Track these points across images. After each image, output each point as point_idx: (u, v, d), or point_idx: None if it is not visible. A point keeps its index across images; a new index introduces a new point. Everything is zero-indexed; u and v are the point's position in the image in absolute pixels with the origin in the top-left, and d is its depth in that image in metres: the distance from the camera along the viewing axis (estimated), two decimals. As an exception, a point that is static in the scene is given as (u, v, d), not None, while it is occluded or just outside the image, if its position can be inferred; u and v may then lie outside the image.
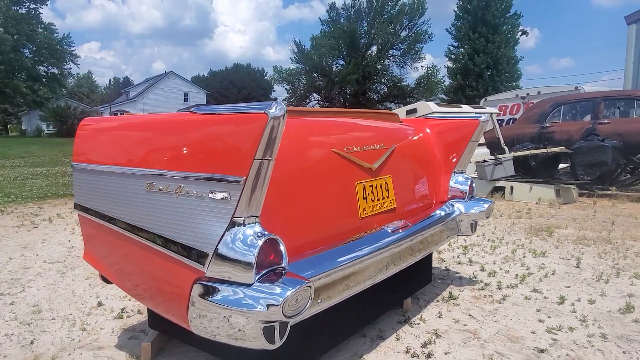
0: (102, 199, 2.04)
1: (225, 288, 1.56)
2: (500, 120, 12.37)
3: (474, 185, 3.13)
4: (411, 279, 3.02)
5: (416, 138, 3.04)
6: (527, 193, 6.92)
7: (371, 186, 2.40)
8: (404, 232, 2.41)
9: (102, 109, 48.79)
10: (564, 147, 7.11)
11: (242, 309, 1.50)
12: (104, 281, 2.37)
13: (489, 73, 33.83)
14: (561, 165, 7.70)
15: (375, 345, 2.48)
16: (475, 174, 7.61)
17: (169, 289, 1.80)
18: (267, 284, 1.53)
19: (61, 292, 3.37)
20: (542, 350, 2.40)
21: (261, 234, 1.56)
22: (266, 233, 1.57)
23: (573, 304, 2.99)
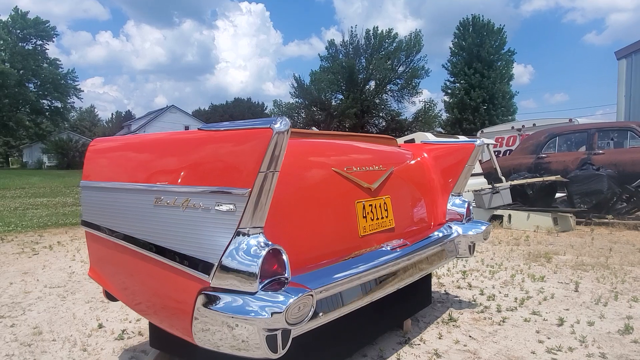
0: (109, 215, 2.11)
1: (229, 297, 1.61)
2: (496, 152, 12.56)
3: (471, 208, 3.20)
4: (410, 300, 3.04)
5: (414, 162, 3.13)
6: (525, 221, 6.98)
7: (370, 205, 2.47)
8: (403, 250, 2.46)
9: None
10: (560, 176, 7.21)
11: (246, 317, 1.54)
12: (107, 298, 2.40)
13: (485, 107, 34.44)
14: (558, 194, 7.79)
15: (376, 365, 2.49)
16: (474, 202, 7.68)
17: (173, 300, 1.85)
18: (270, 293, 1.58)
19: (62, 315, 3.38)
20: (542, 369, 2.42)
21: (265, 244, 1.62)
22: (270, 243, 1.63)
23: (572, 326, 3.01)
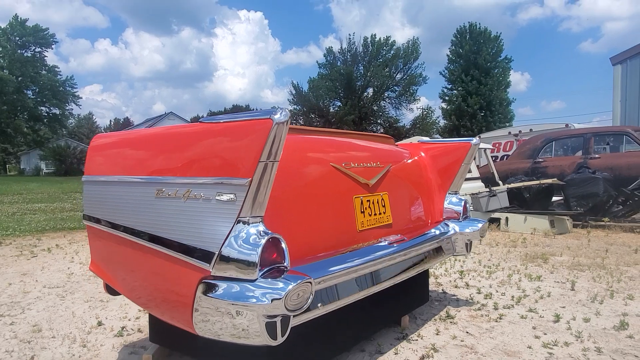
0: (111, 208, 2.14)
1: (229, 284, 1.64)
2: (494, 157, 12.64)
3: (467, 206, 3.24)
4: (408, 297, 3.07)
5: (411, 160, 3.18)
6: (522, 224, 7.02)
7: (368, 201, 2.51)
8: (400, 245, 2.50)
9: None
10: (556, 179, 7.27)
11: (247, 303, 1.57)
12: (108, 292, 2.42)
13: (482, 114, 34.65)
14: (555, 198, 7.84)
15: (374, 359, 2.51)
16: (471, 206, 7.72)
17: (174, 290, 1.87)
18: (269, 280, 1.61)
19: (61, 314, 3.39)
20: (538, 363, 2.44)
21: (265, 232, 1.65)
22: (269, 232, 1.66)
23: (568, 322, 3.04)
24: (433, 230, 2.97)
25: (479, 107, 34.36)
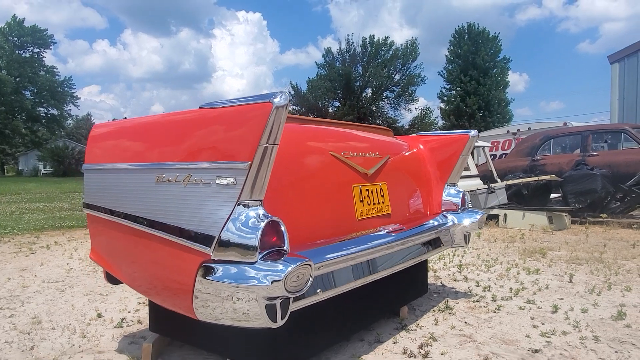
0: (111, 196, 2.15)
1: (230, 267, 1.65)
2: (492, 156, 12.66)
3: (466, 198, 3.25)
4: (407, 287, 3.08)
5: (410, 152, 3.19)
6: (520, 220, 7.04)
7: (367, 190, 2.52)
8: (399, 234, 2.51)
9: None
10: (554, 175, 7.29)
11: (247, 285, 1.58)
12: (108, 281, 2.43)
13: (480, 114, 34.72)
14: (553, 195, 7.86)
15: (373, 348, 2.52)
16: (469, 203, 7.73)
17: (175, 275, 1.88)
18: (269, 262, 1.62)
19: (60, 307, 3.39)
20: (536, 351, 2.45)
21: (264, 215, 1.66)
22: (269, 215, 1.67)
23: (566, 313, 3.05)
24: (431, 221, 2.98)
25: (478, 107, 34.44)
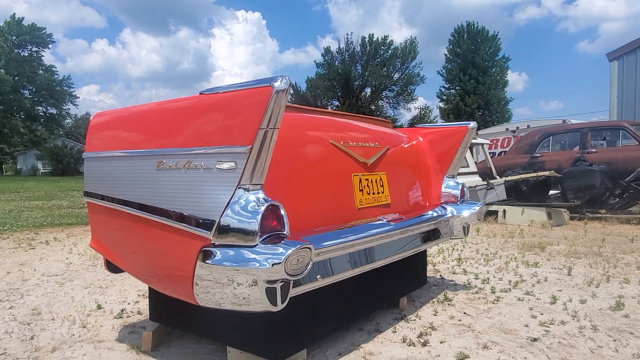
0: (111, 183, 2.15)
1: (230, 251, 1.66)
2: (491, 153, 12.66)
3: (465, 189, 3.26)
4: (406, 278, 3.10)
5: (409, 144, 3.20)
6: (519, 216, 7.06)
7: (367, 180, 2.53)
8: (398, 223, 2.52)
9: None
10: (553, 171, 7.30)
11: (248, 268, 1.59)
12: (109, 270, 2.43)
13: (480, 113, 34.75)
14: (552, 192, 7.88)
15: (373, 337, 2.53)
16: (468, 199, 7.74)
17: (176, 261, 1.88)
18: (269, 246, 1.62)
19: (60, 299, 3.40)
20: (535, 339, 2.46)
21: (264, 199, 1.67)
22: (269, 199, 1.68)
23: (565, 304, 3.06)
24: (430, 212, 2.99)
25: (477, 106, 34.48)
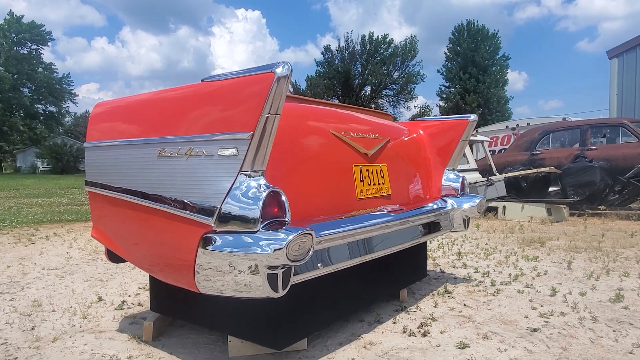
0: (113, 172, 2.15)
1: (232, 237, 1.66)
2: (491, 151, 12.67)
3: (465, 182, 3.26)
4: (406, 270, 3.10)
5: (410, 137, 3.20)
6: (519, 212, 7.06)
7: (367, 170, 2.53)
8: (399, 214, 2.52)
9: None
10: (553, 167, 7.31)
11: (249, 253, 1.59)
12: (110, 259, 2.43)
13: (480, 111, 34.74)
14: (551, 188, 7.89)
15: (373, 327, 2.54)
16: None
17: (177, 248, 1.88)
18: (271, 231, 1.63)
19: (60, 291, 3.40)
20: (535, 330, 2.47)
21: (266, 186, 1.67)
22: (270, 185, 1.68)
23: (565, 296, 3.07)
24: (431, 204, 3.00)
25: (477, 104, 34.49)
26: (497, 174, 8.64)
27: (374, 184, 2.57)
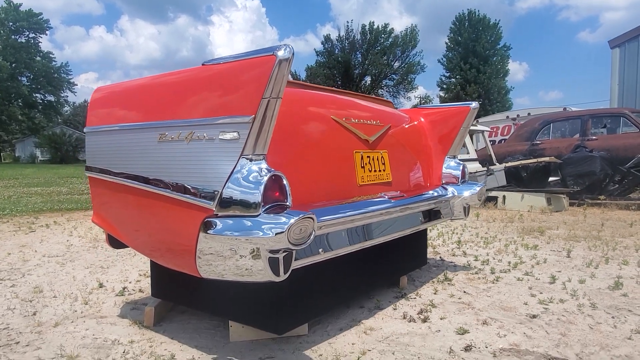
0: (113, 157, 2.15)
1: (233, 221, 1.66)
2: (492, 141, 12.66)
3: (466, 170, 3.26)
4: (406, 258, 3.11)
5: (411, 124, 3.19)
6: (519, 201, 7.07)
7: (368, 157, 2.52)
8: (399, 200, 2.53)
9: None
10: (554, 157, 7.31)
11: (251, 237, 1.59)
12: (111, 245, 2.43)
13: (480, 102, 34.60)
14: (551, 178, 7.89)
15: (373, 313, 2.55)
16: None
17: (178, 233, 1.88)
18: (272, 215, 1.62)
19: (61, 278, 3.41)
20: (534, 316, 2.48)
21: (267, 170, 1.67)
22: (272, 170, 1.68)
23: (564, 283, 3.08)
24: (431, 191, 3.00)
25: (478, 95, 34.34)
26: (497, 163, 8.64)
27: (375, 171, 2.56)
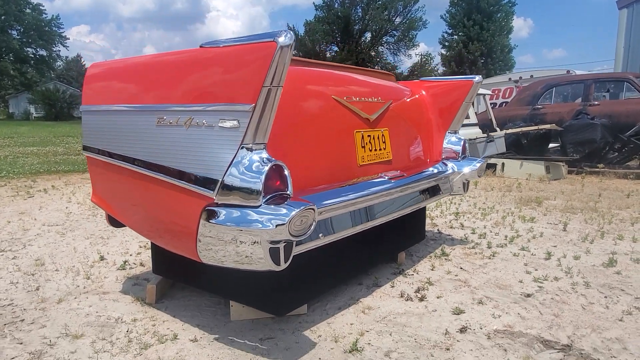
0: (110, 138, 2.11)
1: (233, 211, 1.65)
2: (493, 104, 12.50)
3: (467, 145, 3.23)
4: (405, 234, 3.13)
5: (412, 98, 3.12)
6: (517, 169, 7.08)
7: (369, 136, 2.49)
8: (399, 181, 2.51)
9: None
10: (554, 125, 7.25)
11: (251, 228, 1.59)
12: (111, 224, 2.43)
13: (482, 61, 33.97)
14: (551, 145, 7.86)
15: (371, 291, 2.59)
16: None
17: (178, 219, 1.88)
18: (273, 206, 1.61)
19: (62, 249, 3.44)
20: (528, 295, 2.53)
21: (268, 159, 1.64)
22: (272, 159, 1.65)
23: (559, 260, 3.13)
24: (431, 168, 2.98)
25: (480, 53, 33.61)
26: (498, 129, 8.57)
27: (375, 150, 2.53)
